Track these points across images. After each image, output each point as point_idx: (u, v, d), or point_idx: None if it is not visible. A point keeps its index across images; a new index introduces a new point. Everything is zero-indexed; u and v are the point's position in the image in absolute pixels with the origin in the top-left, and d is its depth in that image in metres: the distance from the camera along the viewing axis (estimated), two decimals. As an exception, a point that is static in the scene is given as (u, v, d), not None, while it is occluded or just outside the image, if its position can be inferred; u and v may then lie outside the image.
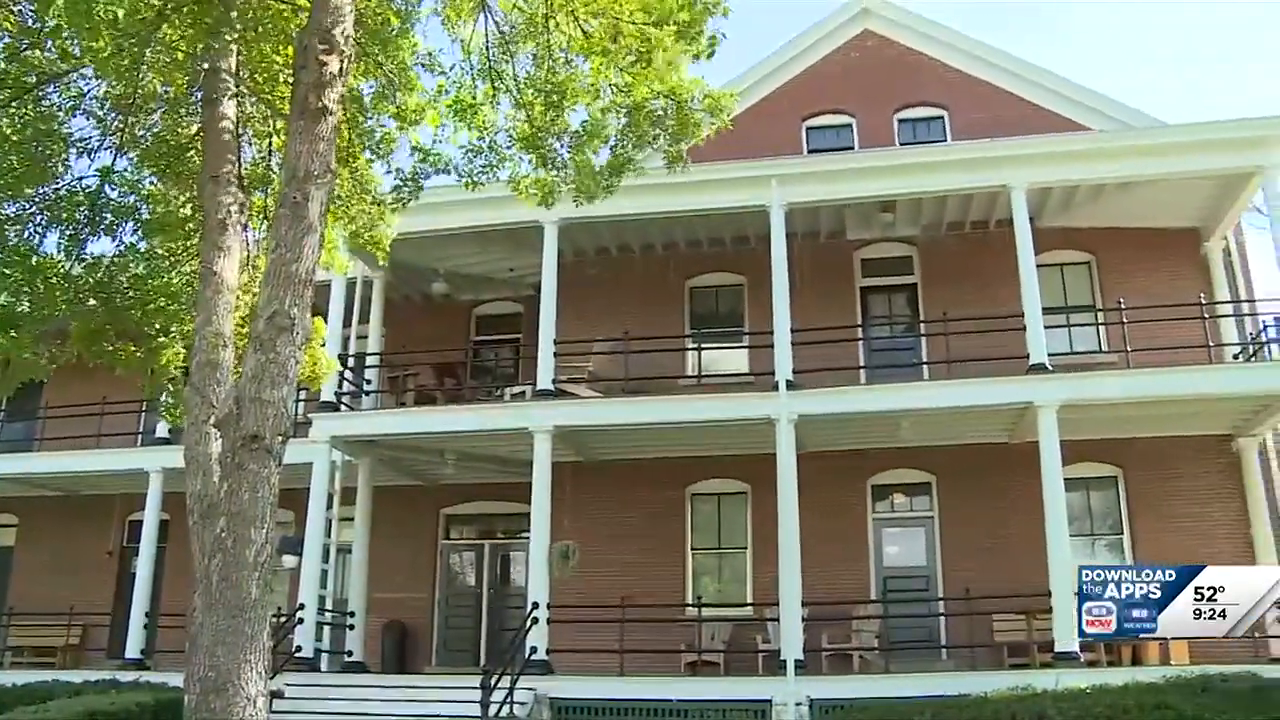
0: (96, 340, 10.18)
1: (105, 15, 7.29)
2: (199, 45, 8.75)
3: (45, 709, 13.30)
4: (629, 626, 15.71)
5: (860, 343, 18.14)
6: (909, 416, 15.99)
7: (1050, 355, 15.25)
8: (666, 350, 18.39)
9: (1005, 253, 16.06)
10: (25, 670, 18.25)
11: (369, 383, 18.82)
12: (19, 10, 9.20)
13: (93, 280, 9.95)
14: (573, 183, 10.92)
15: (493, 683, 13.49)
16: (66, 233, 9.91)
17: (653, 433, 16.75)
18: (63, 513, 21.30)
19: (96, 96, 9.81)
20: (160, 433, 19.41)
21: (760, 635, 16.13)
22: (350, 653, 17.09)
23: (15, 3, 9.18)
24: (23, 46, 9.14)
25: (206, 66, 9.04)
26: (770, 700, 13.89)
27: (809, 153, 20.10)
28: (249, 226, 9.62)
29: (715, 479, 18.20)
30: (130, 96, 9.47)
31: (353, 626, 17.20)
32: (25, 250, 9.67)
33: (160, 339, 10.19)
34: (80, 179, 10.05)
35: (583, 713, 14.27)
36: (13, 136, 9.12)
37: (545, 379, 16.33)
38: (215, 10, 8.40)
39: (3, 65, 9.13)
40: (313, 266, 7.33)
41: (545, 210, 11.95)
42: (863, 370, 17.61)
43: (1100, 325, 17.80)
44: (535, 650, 14.75)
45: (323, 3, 7.67)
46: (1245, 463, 16.70)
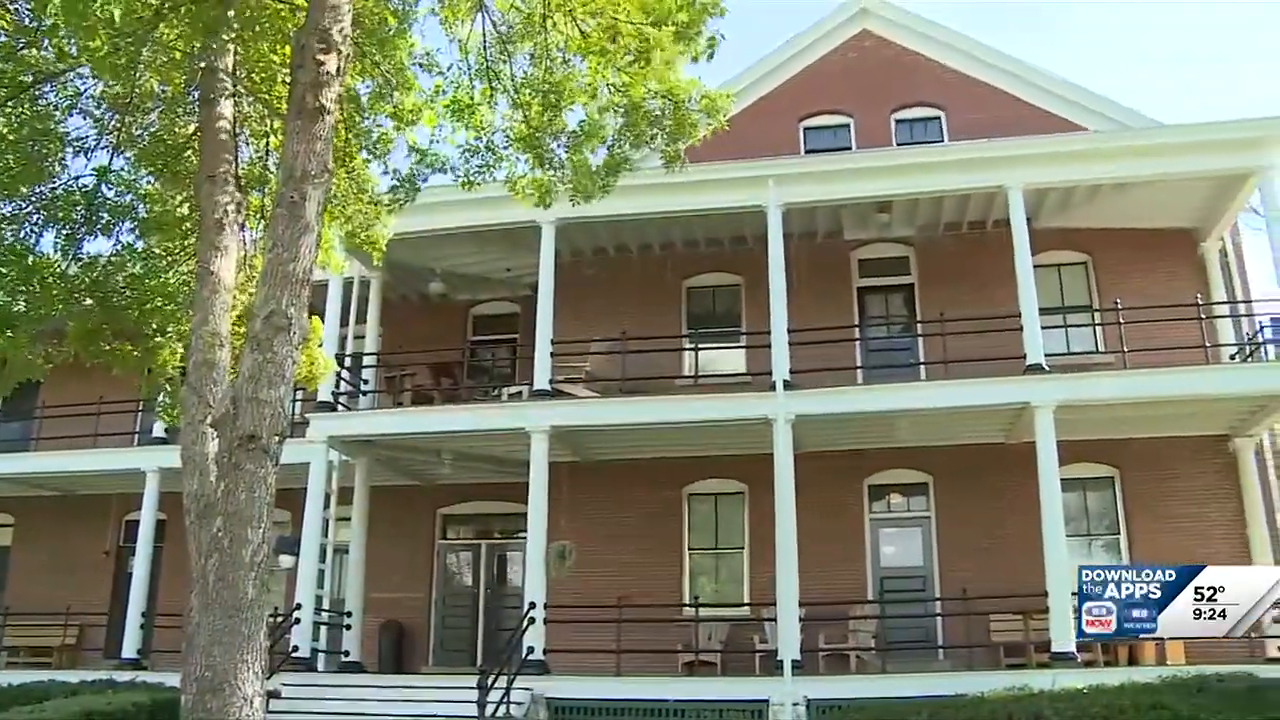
0: (93, 340, 10.15)
1: (102, 14, 7.28)
2: (196, 45, 8.74)
3: (42, 709, 13.29)
4: (626, 626, 15.72)
5: (857, 343, 18.14)
6: (906, 417, 16.01)
7: (1047, 355, 15.27)
8: (664, 350, 18.39)
9: (1002, 253, 16.07)
10: (22, 670, 18.24)
11: (366, 382, 18.83)
12: (16, 9, 9.19)
13: (89, 280, 9.93)
14: (570, 183, 10.91)
15: (489, 683, 13.48)
16: (63, 232, 9.89)
17: (650, 433, 16.75)
18: (59, 512, 21.29)
19: (93, 96, 9.82)
20: (157, 432, 19.44)
21: (757, 635, 16.13)
22: (347, 653, 17.08)
23: (12, 1, 9.16)
24: (19, 45, 9.13)
25: (204, 66, 9.03)
26: (767, 700, 13.89)
27: (806, 153, 20.10)
28: (246, 226, 9.62)
29: (712, 479, 18.20)
30: (127, 96, 9.47)
31: (349, 626, 17.19)
32: (22, 250, 9.65)
33: (157, 339, 10.17)
34: (77, 178, 10.06)
35: (579, 713, 14.27)
36: (9, 136, 9.11)
37: (542, 379, 16.33)
38: (212, 10, 8.38)
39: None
40: (310, 266, 7.33)
41: (542, 210, 11.94)
42: (860, 370, 17.63)
43: (1097, 326, 17.83)
44: (532, 650, 14.75)
45: (320, 2, 7.66)
46: (1242, 463, 16.74)
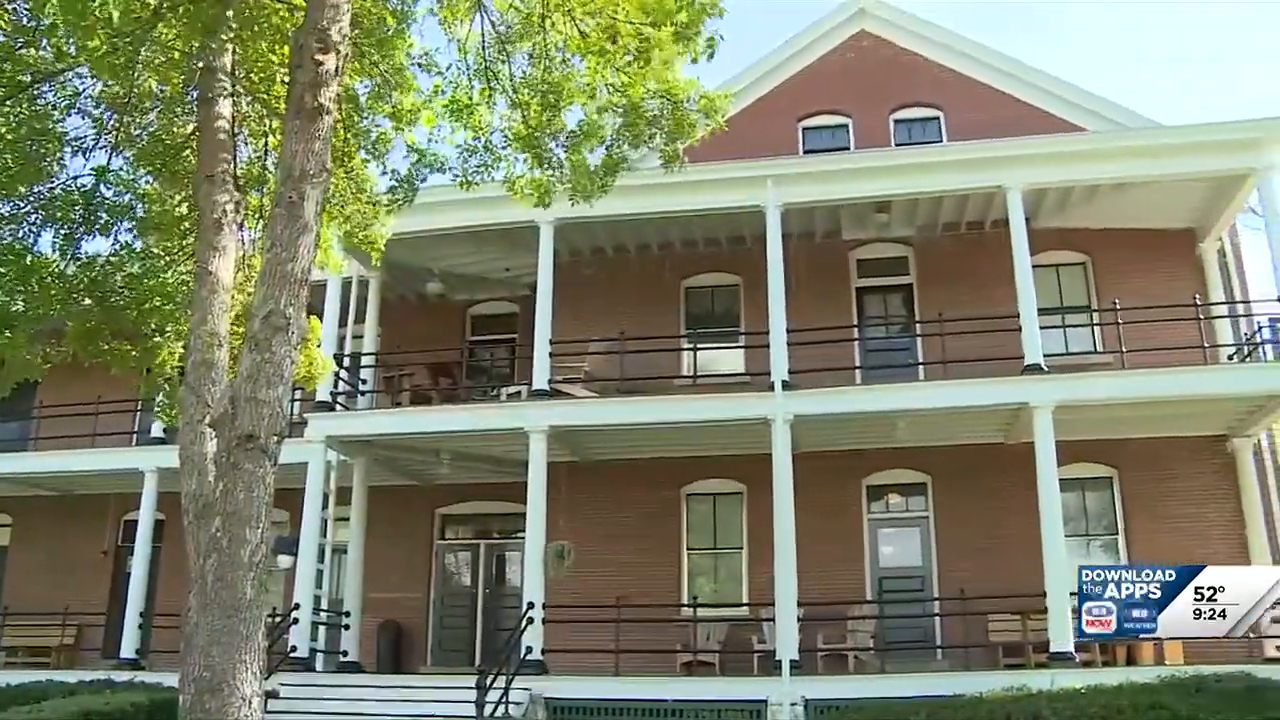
0: (92, 340, 10.14)
1: (100, 14, 7.25)
2: (194, 44, 8.72)
3: (39, 709, 13.29)
4: (624, 626, 15.71)
5: (856, 343, 18.16)
6: (904, 417, 16.01)
7: (1046, 356, 15.28)
8: (662, 350, 18.39)
9: (1001, 253, 16.08)
10: (20, 670, 18.20)
11: (364, 382, 18.83)
12: (14, 8, 9.17)
13: (87, 279, 9.91)
14: (568, 182, 10.90)
15: (488, 683, 13.48)
16: (61, 232, 9.86)
17: (648, 433, 16.75)
18: (58, 512, 21.27)
19: (92, 95, 9.80)
20: (155, 432, 19.45)
21: (756, 635, 16.14)
22: (345, 653, 17.07)
23: (10, 1, 9.15)
24: (18, 45, 9.11)
25: (202, 66, 9.01)
26: (765, 700, 13.90)
27: (805, 153, 20.11)
28: (244, 226, 9.59)
29: (711, 479, 18.19)
30: (126, 95, 9.46)
31: (348, 626, 17.18)
32: (20, 249, 9.63)
33: (155, 338, 10.15)
34: (75, 178, 10.03)
35: (578, 713, 14.26)
36: (7, 135, 9.09)
37: (541, 379, 16.32)
38: (211, 10, 8.37)
39: (-2, 64, 9.11)
40: (308, 266, 7.32)
41: (541, 210, 11.93)
42: (858, 370, 17.63)
43: (1095, 326, 17.84)
44: (530, 650, 14.75)
45: (319, 2, 7.64)
46: (1240, 463, 16.75)
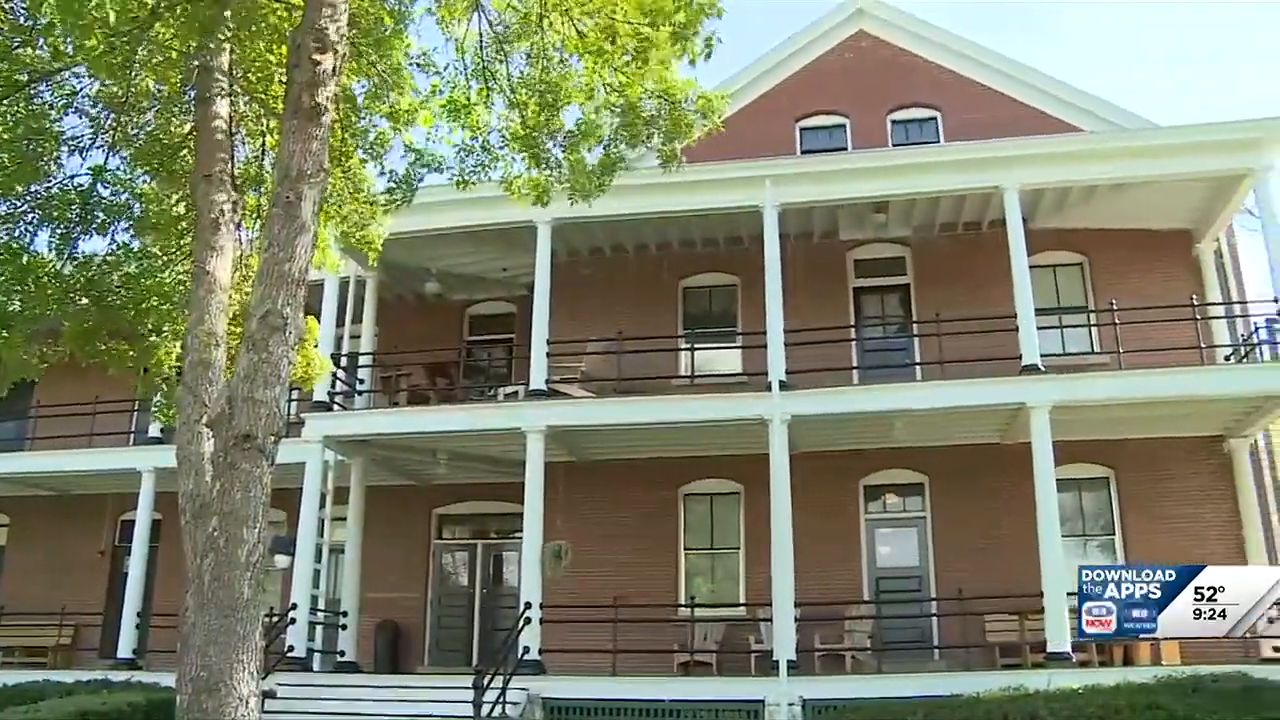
0: (89, 339, 10.13)
1: (98, 13, 7.24)
2: (192, 44, 8.72)
3: (36, 709, 13.26)
4: (622, 626, 15.71)
5: (853, 343, 18.18)
6: (902, 417, 16.01)
7: (1043, 356, 15.29)
8: (660, 350, 18.39)
9: (998, 254, 16.09)
10: (16, 670, 18.15)
11: (362, 382, 18.82)
12: (11, 7, 9.16)
13: (84, 279, 9.90)
14: (566, 182, 10.90)
15: (485, 683, 13.46)
16: (58, 231, 9.84)
17: (646, 433, 16.75)
18: (55, 512, 21.24)
19: (89, 95, 9.79)
20: (152, 432, 19.42)
21: (753, 635, 16.15)
22: (343, 652, 17.06)
23: (8, 0, 9.14)
24: (15, 44, 9.10)
25: (199, 65, 9.01)
26: (763, 700, 13.90)
27: (802, 153, 20.12)
28: (242, 226, 9.59)
29: (708, 479, 18.20)
30: (123, 95, 9.45)
31: (345, 626, 17.18)
32: (16, 249, 9.62)
33: (153, 338, 10.14)
34: (72, 177, 10.02)
35: (575, 713, 14.26)
36: (4, 134, 9.08)
37: (538, 379, 16.33)
38: (208, 9, 8.37)
39: (-5, 63, 9.10)
40: (306, 266, 7.33)
41: (538, 210, 11.94)
42: (856, 371, 17.66)
43: (1093, 326, 17.85)
44: (528, 650, 14.74)
45: (316, 1, 7.65)
46: (1237, 464, 16.77)
